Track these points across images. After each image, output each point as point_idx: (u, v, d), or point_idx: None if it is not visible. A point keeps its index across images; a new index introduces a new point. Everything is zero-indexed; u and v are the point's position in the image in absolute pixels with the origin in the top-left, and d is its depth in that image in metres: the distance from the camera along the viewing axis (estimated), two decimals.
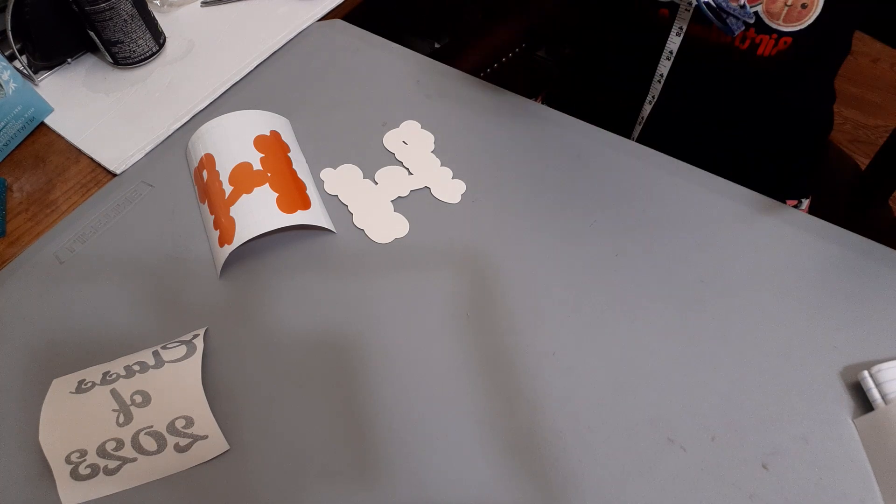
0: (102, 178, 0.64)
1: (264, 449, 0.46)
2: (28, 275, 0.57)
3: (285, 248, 0.56)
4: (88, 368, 0.50)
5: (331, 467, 0.45)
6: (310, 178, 0.60)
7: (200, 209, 0.59)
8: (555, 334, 0.49)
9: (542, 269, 0.53)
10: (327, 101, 0.67)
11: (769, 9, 0.60)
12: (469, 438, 0.46)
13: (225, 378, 0.49)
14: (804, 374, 0.46)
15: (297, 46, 0.74)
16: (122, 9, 0.67)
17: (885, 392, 0.43)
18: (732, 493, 0.42)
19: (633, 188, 0.57)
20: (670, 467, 0.43)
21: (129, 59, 0.71)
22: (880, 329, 0.47)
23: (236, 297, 0.54)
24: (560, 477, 0.43)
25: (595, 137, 0.61)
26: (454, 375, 0.48)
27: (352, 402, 0.48)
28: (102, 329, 0.53)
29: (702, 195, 0.56)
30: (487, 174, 0.59)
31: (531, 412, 0.46)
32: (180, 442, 0.46)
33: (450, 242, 0.55)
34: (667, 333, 0.49)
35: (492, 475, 0.44)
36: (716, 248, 0.53)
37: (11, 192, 0.63)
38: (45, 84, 0.72)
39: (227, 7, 0.79)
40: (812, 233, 0.53)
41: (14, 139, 0.66)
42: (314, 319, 0.52)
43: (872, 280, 0.50)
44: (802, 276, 0.50)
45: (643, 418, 0.45)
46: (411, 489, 0.44)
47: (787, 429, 0.44)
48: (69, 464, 0.45)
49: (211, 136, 0.60)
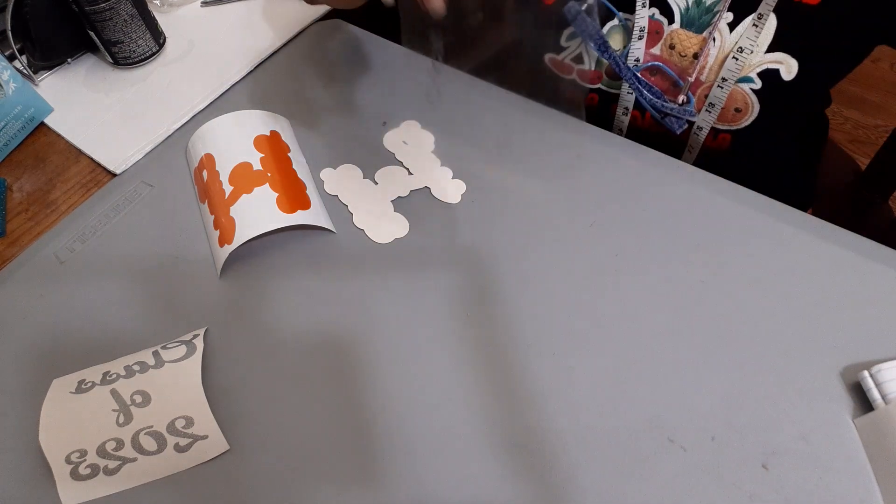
0: (102, 178, 0.64)
1: (264, 449, 0.46)
2: (28, 275, 0.57)
3: (285, 248, 0.56)
4: (88, 368, 0.50)
5: (331, 467, 0.45)
6: (310, 178, 0.60)
7: (200, 209, 0.59)
8: (555, 334, 0.49)
9: (541, 269, 0.53)
10: (327, 101, 0.67)
11: (696, 106, 0.58)
12: (469, 438, 0.46)
13: (225, 378, 0.49)
14: (804, 373, 0.46)
15: (297, 46, 0.74)
16: (122, 9, 0.67)
17: (886, 392, 0.43)
18: (732, 493, 0.42)
19: (633, 188, 0.57)
20: (670, 467, 0.43)
21: (129, 59, 0.71)
22: (881, 329, 0.47)
23: (236, 297, 0.54)
24: (560, 477, 0.43)
25: (595, 137, 0.61)
26: (454, 375, 0.48)
27: (352, 402, 0.48)
28: (102, 329, 0.53)
29: (701, 195, 0.56)
30: (487, 174, 0.59)
31: (531, 412, 0.46)
32: (180, 442, 0.46)
33: (450, 242, 0.55)
34: (667, 333, 0.49)
35: (492, 475, 0.44)
36: (716, 249, 0.52)
37: (11, 192, 0.63)
38: (45, 84, 0.72)
39: (227, 7, 0.79)
40: (812, 233, 0.53)
41: (14, 139, 0.66)
42: (314, 319, 0.52)
43: (872, 280, 0.50)
44: (802, 276, 0.50)
45: (643, 418, 0.45)
46: (411, 489, 0.44)
47: (787, 429, 0.44)
48: (69, 464, 0.45)
49: (211, 136, 0.60)
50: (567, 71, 0.62)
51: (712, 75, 0.55)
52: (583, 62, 0.60)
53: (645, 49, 0.58)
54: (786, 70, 0.53)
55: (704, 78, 0.56)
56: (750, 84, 0.55)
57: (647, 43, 0.57)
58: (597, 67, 0.61)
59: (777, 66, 0.53)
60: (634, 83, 0.57)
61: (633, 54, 0.57)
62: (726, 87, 0.55)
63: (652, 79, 0.59)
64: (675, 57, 0.56)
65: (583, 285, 0.52)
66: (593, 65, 0.60)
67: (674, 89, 0.58)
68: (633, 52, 0.57)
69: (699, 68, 0.55)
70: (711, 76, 0.56)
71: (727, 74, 0.54)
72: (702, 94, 0.57)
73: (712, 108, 0.57)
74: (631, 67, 0.57)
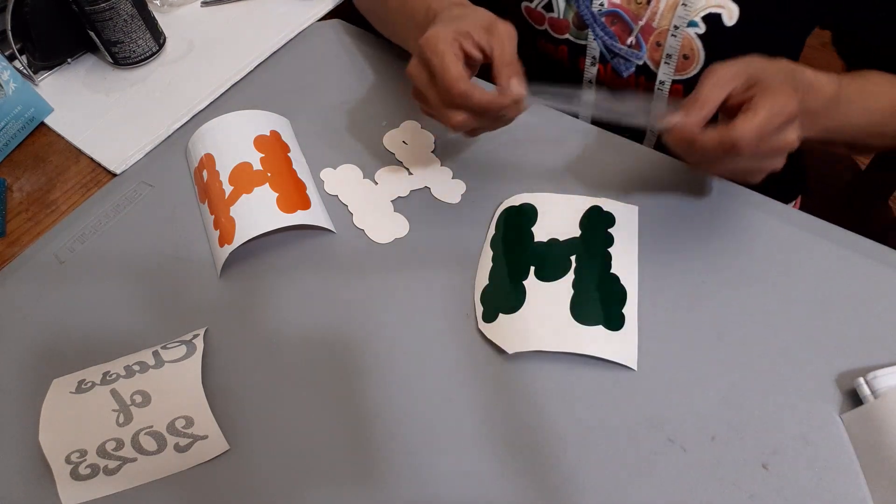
0: (102, 178, 0.64)
1: (264, 449, 0.46)
2: (28, 275, 0.57)
3: (285, 248, 0.56)
4: (88, 368, 0.50)
5: (331, 467, 0.45)
6: (310, 178, 0.60)
7: (200, 209, 0.59)
8: None
9: None
10: (327, 101, 0.67)
11: (652, 56, 0.61)
12: (469, 438, 0.46)
13: (225, 378, 0.49)
14: (804, 373, 0.46)
15: (297, 46, 0.74)
16: (122, 9, 0.67)
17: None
18: (732, 493, 0.42)
19: (630, 185, 0.57)
20: (670, 467, 0.43)
21: (129, 59, 0.71)
22: (880, 329, 0.47)
23: (236, 297, 0.54)
24: (560, 477, 0.43)
25: (594, 137, 0.61)
26: (453, 375, 0.48)
27: (352, 402, 0.48)
28: (102, 329, 0.53)
29: (701, 194, 0.56)
30: (487, 174, 0.59)
31: (531, 412, 0.46)
32: (180, 442, 0.46)
33: (450, 242, 0.55)
34: (666, 333, 0.49)
35: (492, 475, 0.44)
36: (715, 248, 0.52)
37: (11, 192, 0.63)
38: (45, 84, 0.72)
39: (227, 7, 0.79)
40: (812, 232, 0.53)
41: (14, 139, 0.66)
42: (314, 319, 0.52)
43: (872, 280, 0.50)
44: (802, 276, 0.50)
45: (643, 418, 0.45)
46: (411, 489, 0.44)
47: (787, 429, 0.44)
48: (69, 464, 0.45)
49: (211, 136, 0.60)
50: (539, 19, 0.64)
51: (664, 21, 0.58)
52: (552, 10, 0.63)
53: None
54: (727, 15, 0.56)
55: (657, 24, 0.59)
56: (695, 28, 0.57)
57: None
58: (564, 16, 0.63)
59: (719, 10, 0.56)
60: (592, 22, 0.60)
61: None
62: (678, 34, 0.58)
63: (612, 27, 0.61)
64: (633, 5, 0.59)
65: None
66: (562, 13, 0.62)
67: (629, 35, 0.61)
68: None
69: (650, 13, 0.58)
70: (664, 22, 0.58)
71: (678, 22, 0.57)
72: (654, 41, 0.60)
73: (670, 59, 0.59)
74: (594, 12, 0.60)
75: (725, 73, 0.44)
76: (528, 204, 0.56)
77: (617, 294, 0.50)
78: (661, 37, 0.59)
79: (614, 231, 0.53)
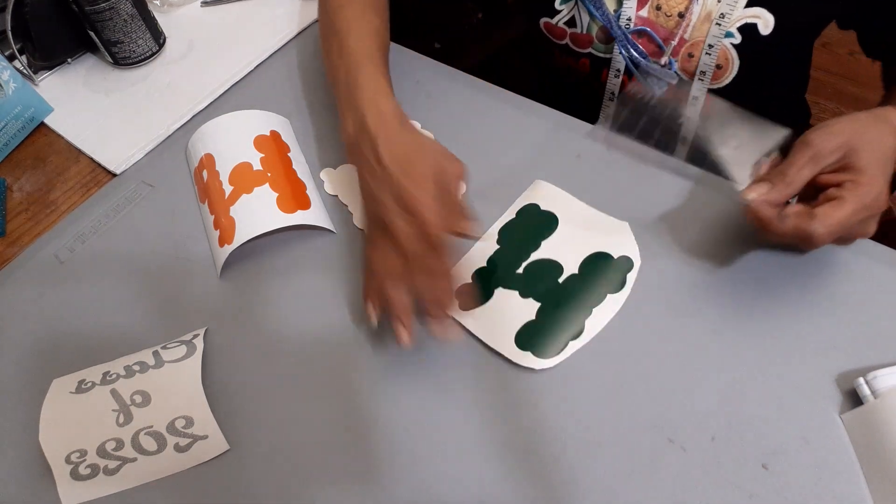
0: (102, 178, 0.64)
1: (264, 449, 0.46)
2: (28, 275, 0.57)
3: (285, 248, 0.56)
4: (88, 368, 0.50)
5: (331, 467, 0.45)
6: (310, 178, 0.60)
7: (200, 209, 0.59)
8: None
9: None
10: (327, 101, 0.67)
11: (683, 67, 0.60)
12: (469, 438, 0.46)
13: (225, 378, 0.49)
14: (804, 373, 0.46)
15: (297, 46, 0.74)
16: (122, 9, 0.67)
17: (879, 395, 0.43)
18: (732, 493, 0.42)
19: (628, 187, 0.57)
20: (670, 467, 0.43)
21: (129, 59, 0.71)
22: (880, 329, 0.47)
23: (236, 297, 0.54)
24: (560, 477, 0.43)
25: (594, 136, 0.61)
26: (453, 375, 0.48)
27: (351, 402, 0.48)
28: (102, 329, 0.53)
29: (699, 194, 0.56)
30: (487, 174, 0.59)
31: (531, 412, 0.46)
32: (180, 442, 0.46)
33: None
34: (666, 334, 0.49)
35: (492, 475, 0.44)
36: (714, 249, 0.52)
37: (11, 192, 0.63)
38: (45, 84, 0.72)
39: (227, 7, 0.79)
40: None
41: (14, 139, 0.66)
42: (314, 319, 0.52)
43: (872, 280, 0.50)
44: (802, 276, 0.50)
45: (643, 418, 0.45)
46: (411, 489, 0.44)
47: (786, 429, 0.44)
48: (69, 464, 0.45)
49: (211, 136, 0.60)
50: (560, 35, 0.64)
51: (697, 33, 0.58)
52: (575, 25, 0.63)
53: (635, 10, 0.60)
54: (763, 24, 0.56)
55: (689, 36, 0.58)
56: (730, 39, 0.57)
57: (636, 4, 0.60)
58: (587, 31, 0.62)
59: (755, 20, 0.56)
60: (623, 41, 0.60)
61: (625, 14, 0.59)
62: (713, 53, 0.57)
63: (639, 41, 0.61)
64: (661, 18, 0.59)
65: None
66: (585, 28, 0.62)
67: (658, 52, 0.61)
68: (625, 12, 0.59)
69: (684, 26, 0.58)
70: (697, 34, 0.58)
71: (712, 41, 0.57)
72: (685, 52, 0.59)
73: (703, 76, 0.59)
74: (622, 27, 0.60)
75: (824, 147, 0.42)
76: (550, 213, 0.55)
77: (574, 330, 0.49)
78: (694, 48, 0.59)
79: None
